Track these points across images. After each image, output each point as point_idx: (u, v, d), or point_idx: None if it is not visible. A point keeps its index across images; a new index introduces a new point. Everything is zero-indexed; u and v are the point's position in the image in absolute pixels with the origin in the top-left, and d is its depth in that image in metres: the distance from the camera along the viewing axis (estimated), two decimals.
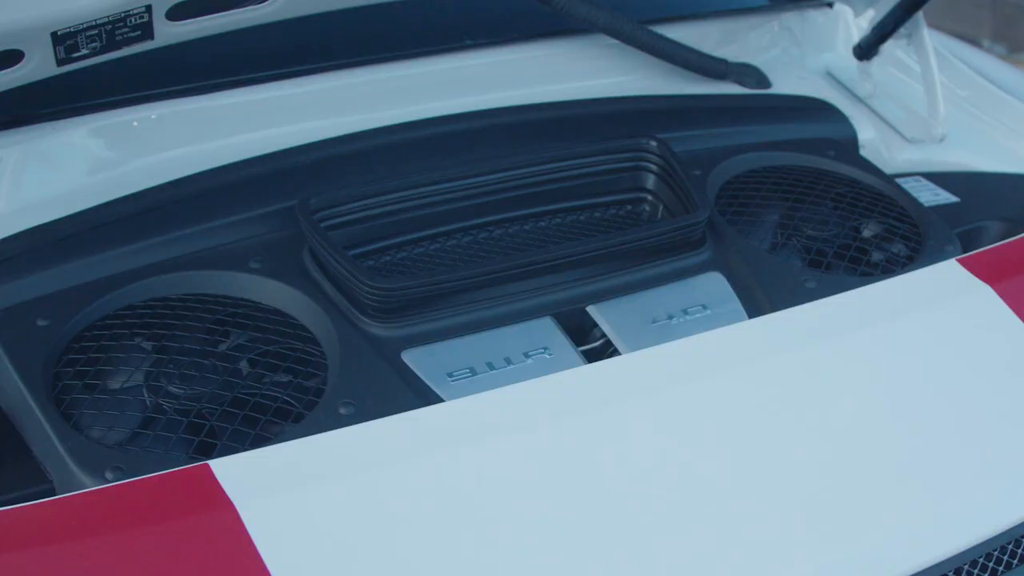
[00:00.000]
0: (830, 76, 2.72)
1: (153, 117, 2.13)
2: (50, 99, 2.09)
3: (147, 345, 1.90)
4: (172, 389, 1.83)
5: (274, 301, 1.97)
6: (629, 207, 2.24)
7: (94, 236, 2.00)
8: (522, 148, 2.21)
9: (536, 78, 2.39)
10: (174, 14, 1.93)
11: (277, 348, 1.89)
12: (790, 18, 2.71)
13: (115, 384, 1.85)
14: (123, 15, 1.87)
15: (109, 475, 1.70)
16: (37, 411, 1.77)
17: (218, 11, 1.94)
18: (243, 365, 1.87)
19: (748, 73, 2.55)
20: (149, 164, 2.11)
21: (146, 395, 1.83)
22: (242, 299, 1.97)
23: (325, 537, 1.59)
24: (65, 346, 1.88)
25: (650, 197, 2.23)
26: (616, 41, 2.46)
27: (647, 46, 2.39)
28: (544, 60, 2.42)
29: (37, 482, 1.79)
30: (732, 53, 2.62)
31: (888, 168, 2.54)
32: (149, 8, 1.88)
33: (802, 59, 2.71)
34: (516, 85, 2.35)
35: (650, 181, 2.23)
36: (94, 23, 1.86)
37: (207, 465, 1.65)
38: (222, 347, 1.90)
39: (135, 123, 2.12)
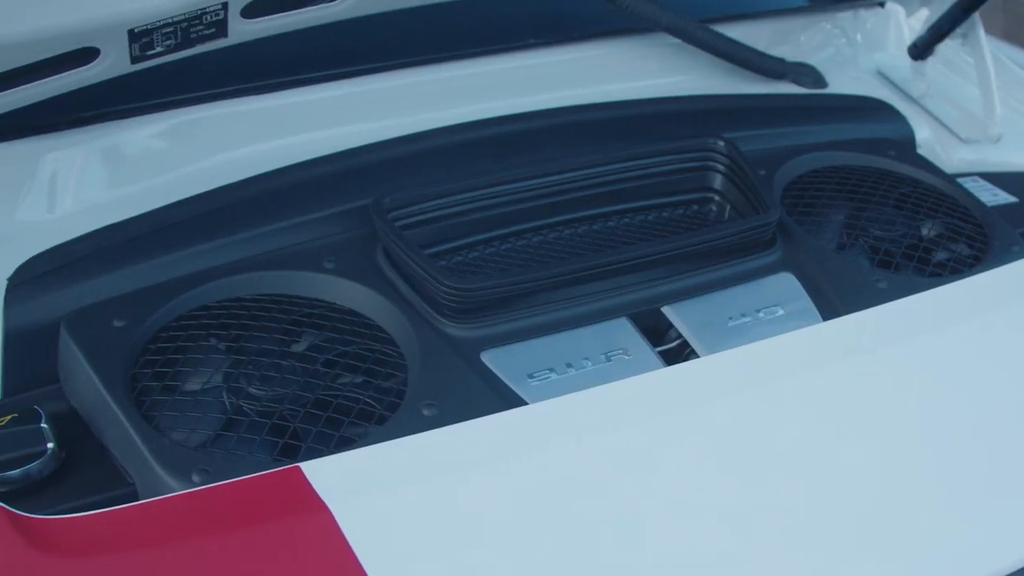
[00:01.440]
0: (881, 76, 2.71)
1: (221, 115, 2.12)
2: (115, 98, 2.08)
3: (224, 346, 1.89)
4: (253, 391, 1.81)
5: (349, 301, 1.95)
6: (696, 207, 2.23)
7: (166, 236, 1.98)
8: (587, 148, 2.19)
9: (597, 77, 2.38)
10: (249, 11, 1.91)
11: (355, 349, 1.88)
12: (843, 18, 2.71)
13: (194, 385, 1.83)
14: (200, 12, 1.85)
15: (196, 478, 1.68)
16: (119, 413, 1.75)
17: (291, 9, 1.93)
18: (322, 366, 1.86)
19: (805, 73, 2.54)
20: (218, 163, 2.09)
21: (226, 397, 1.82)
22: (316, 299, 1.95)
23: (419, 539, 1.57)
24: (142, 347, 1.86)
25: (717, 197, 2.22)
26: (672, 40, 2.47)
27: (708, 45, 2.39)
28: (604, 59, 2.41)
29: (116, 485, 1.77)
30: (785, 53, 2.61)
31: (944, 168, 2.54)
32: (225, 5, 1.86)
33: (854, 59, 2.70)
34: (578, 84, 2.34)
35: (717, 181, 2.22)
36: (171, 20, 1.85)
37: (298, 467, 1.63)
38: (299, 348, 1.89)
39: (204, 121, 2.11)
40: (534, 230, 2.11)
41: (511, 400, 1.83)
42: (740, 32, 2.57)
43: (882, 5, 2.73)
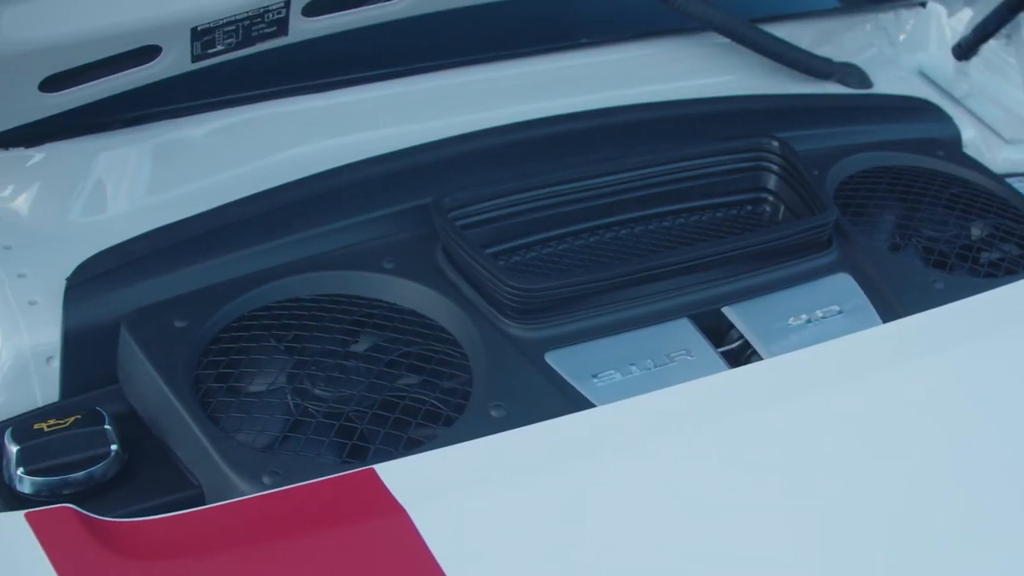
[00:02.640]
0: (923, 76, 2.71)
1: (276, 115, 2.11)
2: (169, 97, 2.06)
3: (286, 347, 1.87)
4: (318, 392, 1.80)
5: (409, 302, 1.93)
6: (749, 207, 2.21)
7: (223, 236, 1.97)
8: (640, 148, 2.18)
9: (646, 77, 2.37)
10: (310, 10, 1.90)
11: (418, 350, 1.87)
12: (884, 18, 2.71)
13: (258, 387, 1.81)
14: (262, 10, 1.84)
15: (266, 480, 1.66)
16: (184, 414, 1.74)
17: (351, 7, 1.92)
18: (385, 367, 1.84)
19: (851, 73, 2.53)
20: (273, 162, 2.08)
21: (291, 398, 1.80)
22: (377, 300, 1.94)
23: (496, 541, 1.57)
24: (204, 348, 1.84)
25: (771, 197, 2.21)
26: (717, 40, 2.47)
27: (757, 45, 2.39)
28: (651, 59, 2.41)
29: (181, 488, 1.75)
30: (827, 53, 2.59)
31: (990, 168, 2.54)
32: (288, 3, 1.85)
33: (896, 59, 2.70)
34: (627, 84, 2.33)
35: (771, 181, 2.20)
36: (233, 18, 1.84)
37: (372, 470, 1.61)
38: (362, 349, 1.87)
39: (258, 121, 2.10)
40: (590, 230, 2.10)
41: (577, 401, 1.82)
42: (782, 33, 2.56)
43: (923, 5, 2.73)
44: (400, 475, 1.61)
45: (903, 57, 2.72)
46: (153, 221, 1.99)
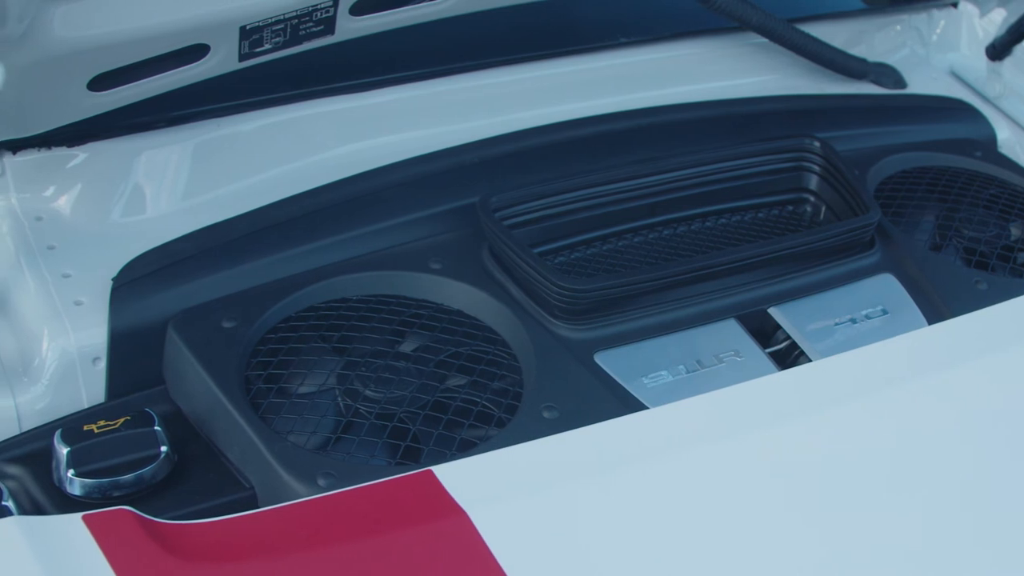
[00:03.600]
0: (955, 76, 2.71)
1: (320, 114, 2.10)
2: (211, 96, 2.05)
3: (334, 347, 1.86)
4: (369, 393, 1.79)
5: (457, 302, 1.93)
6: (790, 208, 2.21)
7: (269, 236, 1.96)
8: (680, 147, 2.18)
9: (683, 77, 2.37)
10: (357, 9, 1.89)
11: (468, 350, 1.86)
12: (916, 18, 2.70)
13: (308, 388, 1.80)
14: (311, 9, 1.83)
15: (321, 482, 1.65)
16: (237, 416, 1.73)
17: (398, 6, 1.91)
18: (436, 368, 1.83)
19: (886, 73, 2.53)
20: (316, 161, 2.08)
21: (341, 399, 1.80)
22: (423, 300, 1.93)
23: (556, 543, 1.55)
24: (253, 349, 1.84)
25: (812, 198, 2.20)
26: (752, 40, 2.47)
27: (794, 44, 2.38)
28: (688, 59, 2.40)
29: (232, 490, 1.74)
30: (861, 54, 2.59)
31: None
32: (336, 2, 1.84)
33: (928, 59, 2.69)
34: (666, 83, 2.33)
35: (812, 182, 2.20)
36: (282, 17, 1.83)
37: (431, 471, 1.60)
38: (410, 350, 1.87)
39: (302, 120, 2.09)
40: (633, 231, 2.09)
41: (628, 402, 1.81)
42: (814, 33, 2.54)
43: (955, 6, 2.72)
44: (459, 477, 1.59)
45: (934, 57, 2.71)
46: (197, 221, 1.99)
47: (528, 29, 2.29)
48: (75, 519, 1.53)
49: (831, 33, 2.61)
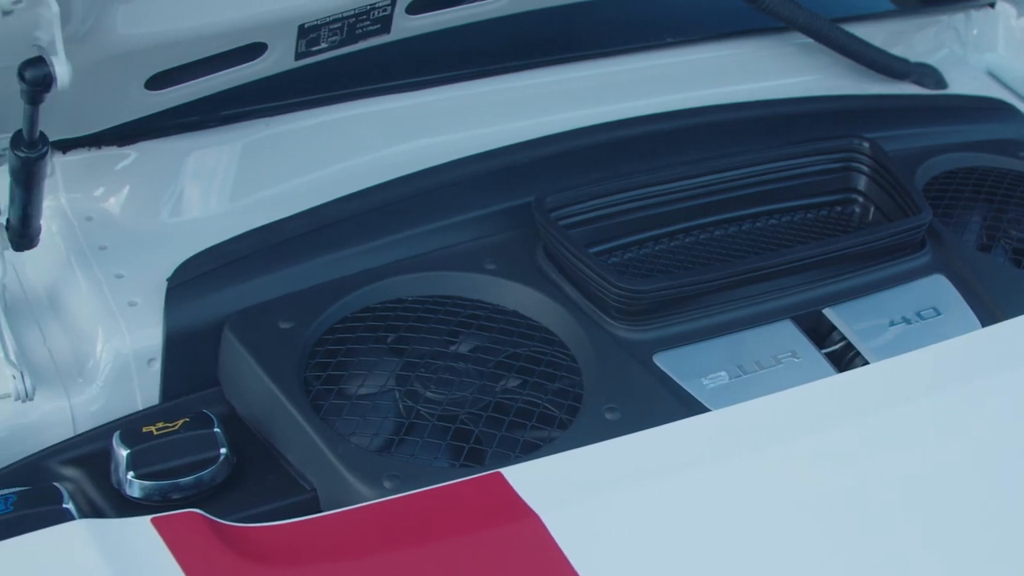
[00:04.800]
0: (991, 76, 2.70)
1: (372, 113, 2.09)
2: (262, 95, 2.04)
3: (392, 348, 1.85)
4: (430, 394, 1.77)
5: (513, 303, 1.91)
6: (839, 208, 2.20)
7: (323, 236, 1.95)
8: (729, 148, 2.17)
9: (729, 77, 2.36)
10: (414, 8, 1.88)
11: (527, 351, 1.85)
12: (954, 19, 2.70)
13: (367, 389, 1.79)
14: (368, 8, 1.82)
15: (387, 484, 1.64)
16: (298, 417, 1.71)
17: (454, 5, 1.90)
18: (496, 369, 1.82)
19: (927, 74, 2.52)
20: (370, 161, 2.06)
21: (401, 400, 1.78)
22: (480, 301, 1.92)
23: (628, 545, 1.54)
24: (310, 350, 1.82)
25: (861, 198, 2.19)
26: (793, 40, 2.46)
27: (838, 44, 2.38)
28: (733, 59, 2.40)
29: (292, 492, 1.73)
30: (899, 54, 2.58)
31: None
32: (394, 1, 1.83)
33: (965, 59, 2.69)
34: (711, 84, 2.33)
35: (861, 182, 2.19)
36: (340, 15, 1.82)
37: (500, 474, 1.59)
38: (468, 351, 1.86)
39: (354, 119, 2.08)
40: (685, 231, 2.08)
41: (689, 403, 1.80)
42: (856, 33, 2.55)
43: (992, 6, 2.72)
44: (528, 479, 1.58)
45: (972, 57, 2.70)
46: (247, 221, 1.97)
47: (576, 29, 2.29)
48: (143, 522, 1.52)
49: (869, 34, 2.60)
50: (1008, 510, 1.67)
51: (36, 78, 1.54)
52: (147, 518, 1.52)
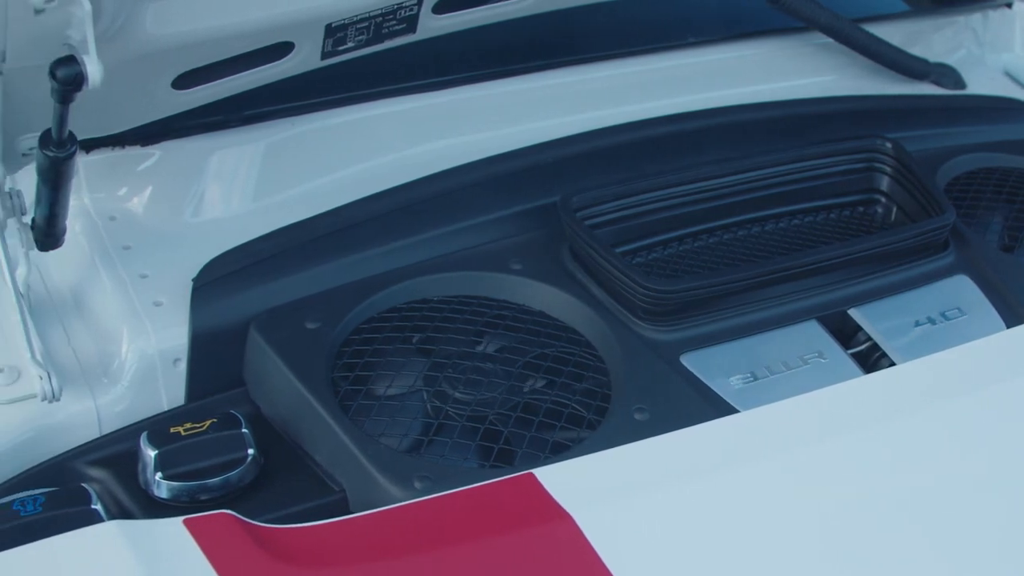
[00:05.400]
0: (1009, 76, 2.70)
1: (396, 112, 2.08)
2: (286, 95, 2.03)
3: (419, 349, 1.84)
4: (459, 395, 1.77)
5: (539, 303, 1.91)
6: (861, 209, 2.19)
7: (349, 236, 1.94)
8: (753, 148, 2.17)
9: (750, 77, 2.36)
10: (440, 7, 1.88)
11: (554, 352, 1.84)
12: (971, 19, 2.70)
13: (395, 389, 1.78)
14: (395, 7, 1.81)
15: (418, 485, 1.63)
16: (327, 418, 1.71)
17: (479, 4, 1.89)
18: (523, 370, 1.81)
19: (946, 74, 2.52)
20: (394, 160, 2.06)
21: (429, 401, 1.78)
22: (506, 301, 1.91)
23: (662, 546, 1.53)
24: (338, 350, 1.82)
25: (883, 199, 2.19)
26: (813, 40, 2.46)
27: (859, 44, 2.38)
28: (754, 59, 2.39)
29: (321, 493, 1.72)
30: (918, 54, 2.58)
31: None
32: (420, 1, 1.82)
33: (982, 59, 2.69)
34: (733, 83, 2.33)
35: (884, 183, 2.18)
36: (367, 15, 1.81)
37: (532, 475, 1.58)
38: (496, 351, 1.85)
39: (378, 118, 2.07)
40: (709, 231, 2.08)
41: (717, 404, 1.80)
42: (875, 33, 2.56)
43: (1010, 6, 2.72)
44: (561, 480, 1.57)
45: (989, 58, 2.70)
46: (271, 221, 1.97)
47: (599, 29, 2.28)
48: (176, 523, 1.51)
49: (887, 35, 2.59)
50: None
51: (68, 77, 1.54)
52: (179, 519, 1.52)
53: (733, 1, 2.45)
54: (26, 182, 1.84)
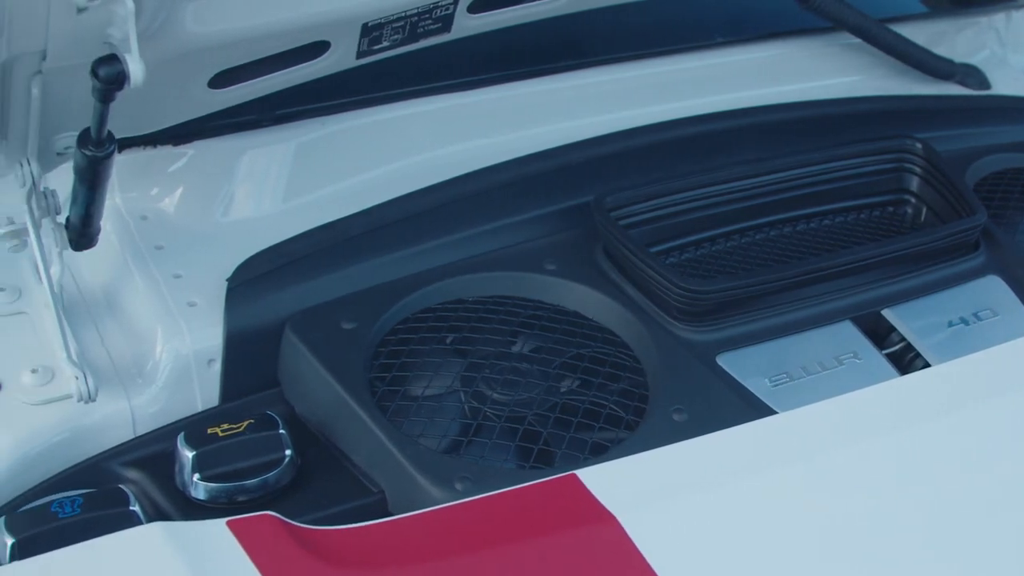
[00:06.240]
0: None
1: (429, 112, 2.07)
2: (320, 94, 2.02)
3: (455, 350, 1.84)
4: (496, 396, 1.77)
5: (573, 303, 1.90)
6: (891, 209, 2.19)
7: (383, 235, 1.94)
8: (783, 148, 2.17)
9: (778, 77, 2.35)
10: (475, 7, 1.87)
11: (591, 352, 1.84)
12: (994, 19, 2.69)
13: (432, 390, 1.78)
14: (431, 6, 1.81)
15: (459, 486, 1.62)
16: (366, 419, 1.70)
17: (514, 4, 1.89)
18: (560, 370, 1.81)
19: (971, 74, 2.52)
20: (422, 160, 2.05)
21: (466, 401, 1.77)
22: (540, 302, 1.91)
23: (706, 547, 1.53)
24: (374, 350, 1.81)
25: (913, 199, 2.19)
26: (836, 41, 2.45)
27: (886, 45, 2.38)
28: (781, 59, 2.38)
29: (359, 494, 1.71)
30: (942, 55, 2.59)
31: None
32: (456, 0, 1.82)
33: (1005, 59, 2.69)
34: (760, 84, 2.31)
35: (913, 183, 2.18)
36: (403, 14, 1.80)
37: (575, 476, 1.57)
38: (531, 352, 1.85)
39: (411, 118, 2.06)
40: (741, 231, 2.07)
41: (755, 404, 1.80)
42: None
43: None
44: (604, 481, 1.57)
45: (1012, 58, 2.70)
46: (304, 221, 1.96)
47: (628, 29, 2.28)
48: (219, 524, 1.50)
49: (909, 35, 2.59)
50: None
51: (110, 76, 1.52)
52: (223, 520, 1.51)
53: (760, 1, 2.45)
54: (57, 181, 1.85)
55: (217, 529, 1.50)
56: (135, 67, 1.53)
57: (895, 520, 1.61)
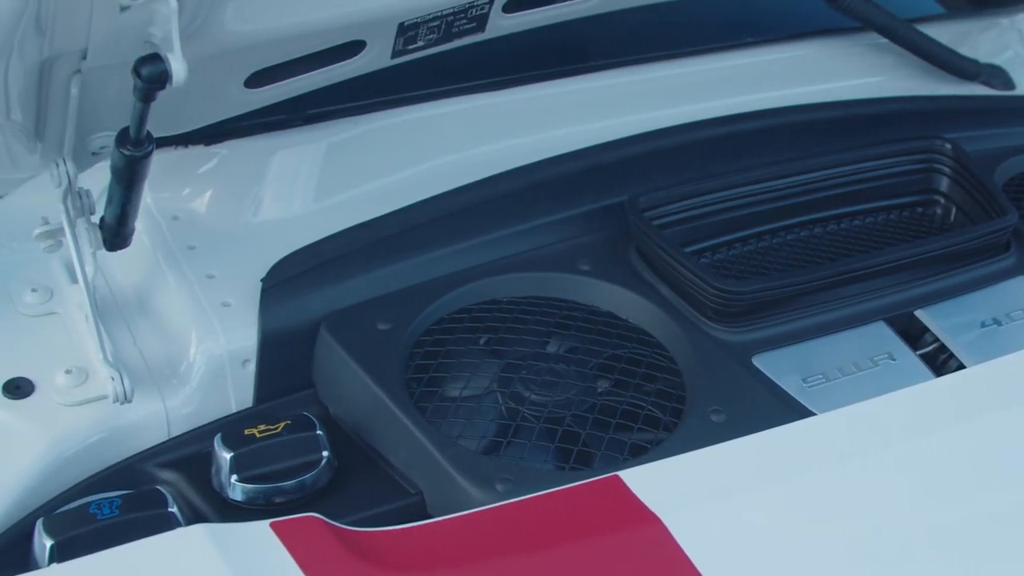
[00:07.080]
0: None
1: (461, 111, 2.07)
2: (348, 94, 2.02)
3: (491, 350, 1.83)
4: (534, 396, 1.76)
5: (608, 304, 1.90)
6: (920, 210, 2.19)
7: (416, 236, 1.93)
8: (813, 148, 2.16)
9: (806, 77, 2.34)
10: (510, 6, 1.87)
11: (627, 353, 1.83)
12: (1018, 20, 2.69)
13: (470, 391, 1.77)
14: (466, 6, 1.80)
15: (500, 487, 1.61)
16: (405, 419, 1.69)
17: (548, 4, 1.88)
18: (596, 371, 1.80)
19: (996, 74, 2.51)
20: (454, 160, 2.04)
21: (504, 402, 1.76)
22: (575, 302, 1.90)
23: (751, 549, 1.52)
24: (410, 351, 1.80)
25: (942, 200, 2.18)
26: (862, 41, 2.45)
27: (913, 45, 2.37)
28: (808, 59, 2.38)
29: (397, 496, 1.70)
30: (966, 55, 2.60)
31: None
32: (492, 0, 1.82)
33: None
34: (789, 84, 2.31)
35: (943, 183, 2.18)
36: (439, 13, 1.79)
37: (618, 477, 1.57)
38: (567, 352, 1.84)
39: (443, 118, 2.06)
40: (773, 232, 2.07)
41: (792, 405, 1.79)
42: None
43: None
44: (647, 482, 1.56)
45: None
46: (336, 221, 1.95)
47: (658, 29, 2.28)
48: (263, 526, 1.49)
49: (935, 35, 2.61)
50: None
51: (152, 75, 1.52)
52: (266, 522, 1.50)
53: (788, 2, 2.45)
54: (90, 181, 1.84)
55: (260, 531, 1.49)
56: (177, 66, 1.53)
57: (938, 522, 1.60)
